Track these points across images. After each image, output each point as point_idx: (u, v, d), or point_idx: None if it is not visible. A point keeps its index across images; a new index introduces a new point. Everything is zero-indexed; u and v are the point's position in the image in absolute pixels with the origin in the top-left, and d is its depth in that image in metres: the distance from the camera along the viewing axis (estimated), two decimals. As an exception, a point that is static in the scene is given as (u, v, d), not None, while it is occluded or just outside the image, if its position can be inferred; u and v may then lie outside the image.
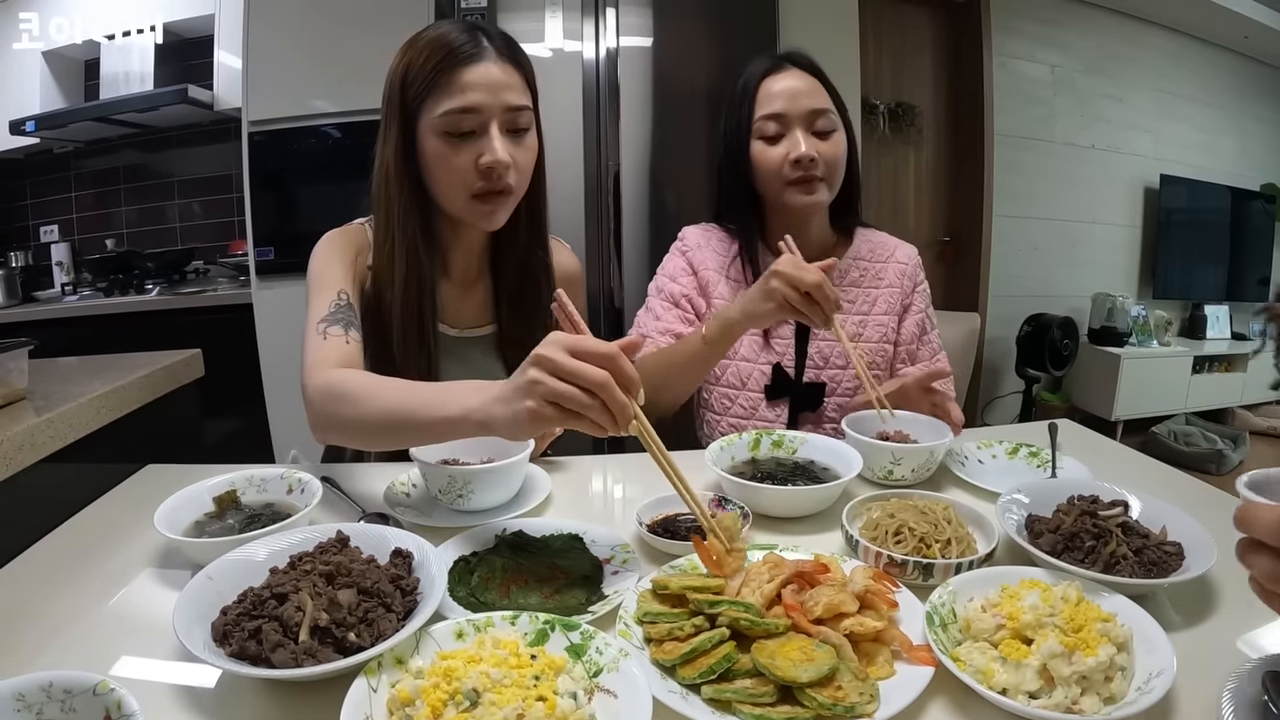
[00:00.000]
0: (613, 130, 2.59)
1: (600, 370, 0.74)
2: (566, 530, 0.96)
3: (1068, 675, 0.62)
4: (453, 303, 1.32)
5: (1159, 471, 1.22)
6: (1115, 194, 4.77)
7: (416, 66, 1.14)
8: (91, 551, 0.97)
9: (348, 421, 0.99)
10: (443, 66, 1.12)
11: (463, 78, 1.12)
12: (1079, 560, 0.81)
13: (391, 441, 0.99)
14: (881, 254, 1.52)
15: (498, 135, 1.14)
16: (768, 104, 1.39)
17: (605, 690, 0.65)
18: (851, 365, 1.46)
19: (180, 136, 3.77)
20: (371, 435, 1.01)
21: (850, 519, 0.92)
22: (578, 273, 1.47)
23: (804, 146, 1.36)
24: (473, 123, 1.13)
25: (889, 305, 1.49)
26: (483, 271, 1.36)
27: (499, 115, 1.14)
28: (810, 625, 0.71)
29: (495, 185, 1.16)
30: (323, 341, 1.08)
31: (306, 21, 2.70)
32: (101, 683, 0.59)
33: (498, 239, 1.32)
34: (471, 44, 1.13)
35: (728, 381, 1.47)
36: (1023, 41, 4.27)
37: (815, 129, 1.38)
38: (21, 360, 1.20)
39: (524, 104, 1.17)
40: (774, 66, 1.41)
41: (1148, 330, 4.62)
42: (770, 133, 1.39)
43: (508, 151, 1.14)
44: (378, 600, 0.72)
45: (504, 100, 1.14)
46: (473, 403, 0.84)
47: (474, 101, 1.12)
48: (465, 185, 1.16)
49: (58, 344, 1.47)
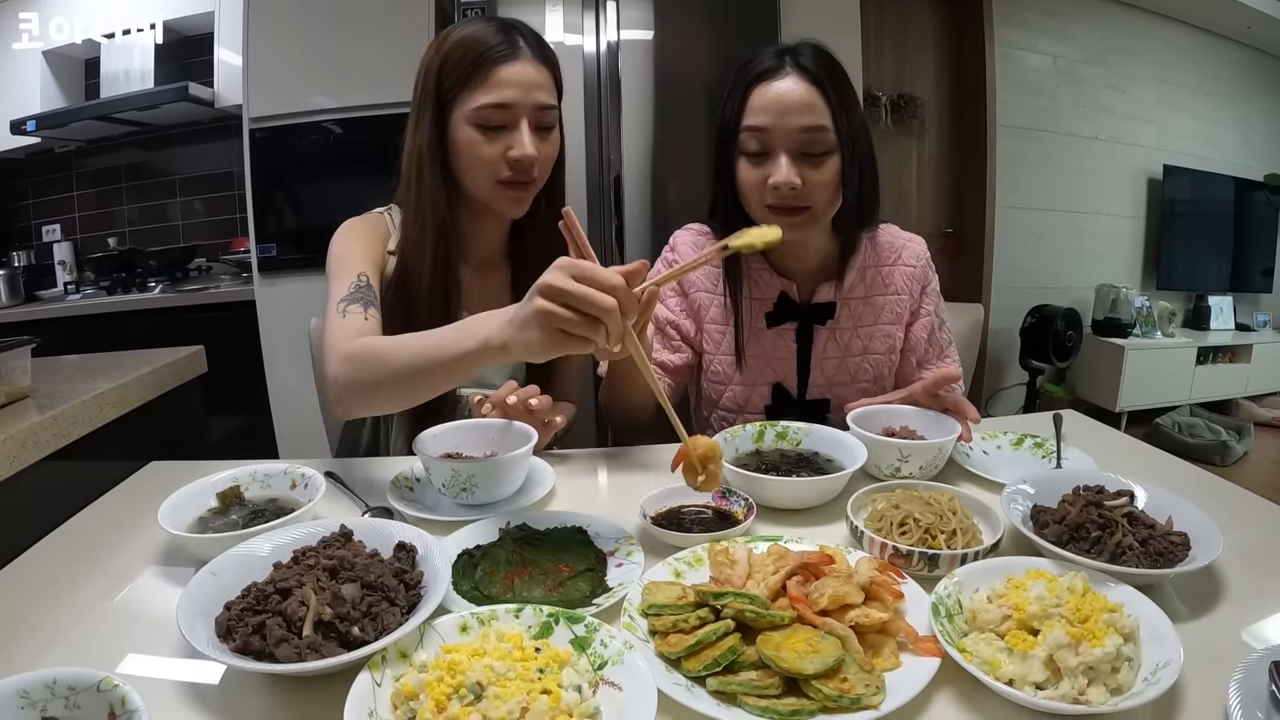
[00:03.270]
0: (614, 124, 2.59)
1: (607, 297, 0.78)
2: (570, 523, 0.95)
3: (1074, 666, 0.62)
4: (471, 288, 1.34)
5: (1164, 462, 1.21)
6: (1119, 185, 4.75)
7: (454, 60, 1.20)
8: (95, 548, 0.97)
9: (377, 380, 1.02)
10: (480, 62, 1.18)
11: (499, 74, 1.18)
12: (1085, 551, 0.80)
13: (421, 389, 1.02)
14: (888, 257, 1.41)
15: (527, 131, 1.20)
16: (754, 115, 1.22)
17: (610, 683, 0.65)
18: (857, 381, 1.40)
19: (181, 134, 3.77)
20: (401, 388, 1.03)
21: (855, 510, 0.92)
22: None
23: (784, 173, 1.19)
24: (504, 118, 1.19)
25: (895, 315, 1.40)
26: (502, 259, 1.41)
27: (530, 112, 1.20)
28: (815, 617, 0.71)
29: (521, 177, 1.22)
30: (342, 319, 1.14)
31: (306, 18, 2.70)
32: (105, 679, 0.59)
33: (517, 227, 1.36)
34: (508, 43, 1.19)
35: (725, 404, 1.41)
36: (1025, 32, 4.25)
37: (804, 152, 1.21)
38: (24, 359, 1.21)
39: (552, 103, 1.23)
40: (770, 69, 1.23)
41: (1152, 321, 4.61)
42: (752, 149, 1.23)
43: (535, 146, 1.21)
44: (381, 594, 0.72)
45: (535, 99, 1.20)
46: (488, 331, 0.89)
47: (508, 98, 1.18)
48: (493, 174, 1.22)
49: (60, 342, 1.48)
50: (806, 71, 1.21)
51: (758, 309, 1.37)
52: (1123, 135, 4.66)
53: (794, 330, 1.38)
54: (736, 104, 1.26)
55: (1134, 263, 4.89)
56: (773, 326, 1.37)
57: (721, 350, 1.39)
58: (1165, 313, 4.69)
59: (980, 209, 4.17)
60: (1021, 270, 4.42)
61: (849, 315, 1.38)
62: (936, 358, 1.44)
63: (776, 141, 1.21)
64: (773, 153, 1.22)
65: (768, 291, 1.37)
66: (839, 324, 1.38)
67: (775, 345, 1.38)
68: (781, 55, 1.24)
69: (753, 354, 1.38)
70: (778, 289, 1.37)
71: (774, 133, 1.21)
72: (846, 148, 1.22)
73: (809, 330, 1.38)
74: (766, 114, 1.21)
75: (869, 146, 1.28)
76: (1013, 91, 4.17)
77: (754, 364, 1.38)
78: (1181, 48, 4.74)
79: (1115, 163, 4.69)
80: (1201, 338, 4.78)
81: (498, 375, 1.30)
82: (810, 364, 1.39)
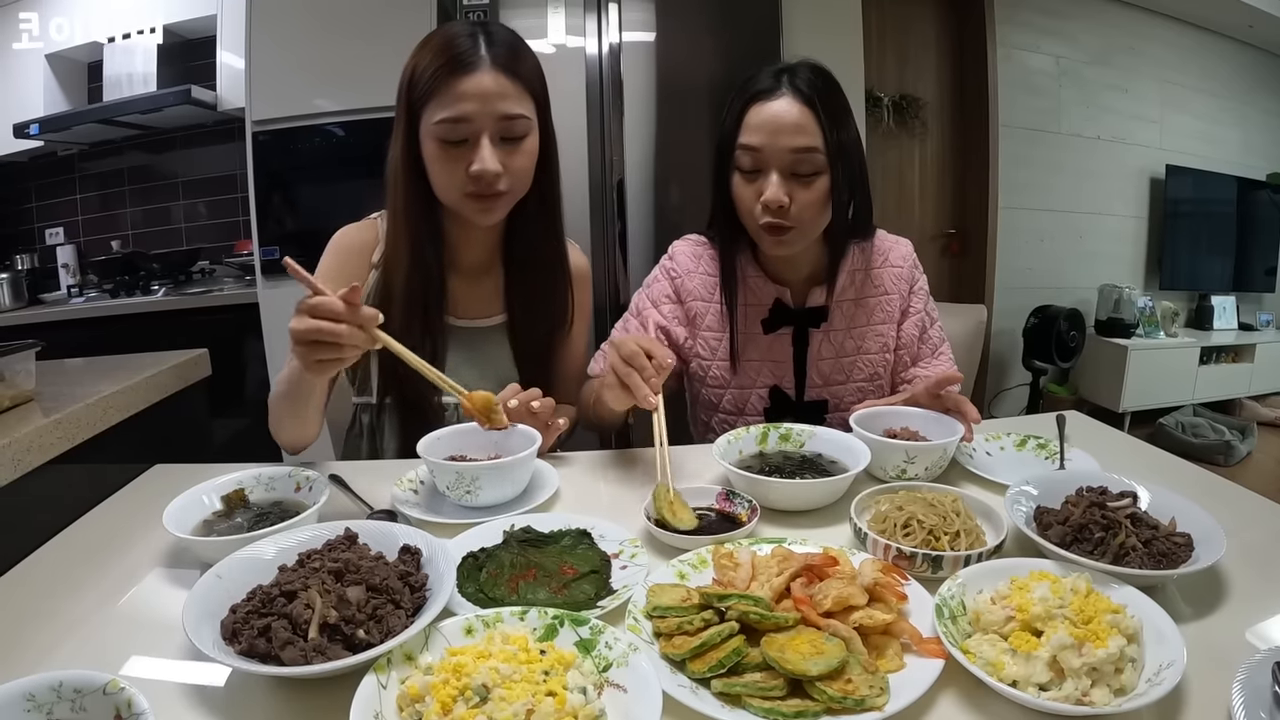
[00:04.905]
0: (616, 126, 2.59)
1: (334, 325, 0.91)
2: (575, 525, 0.95)
3: (1078, 667, 0.62)
4: (461, 294, 1.34)
5: (1167, 462, 1.21)
6: (1121, 185, 4.74)
7: (420, 70, 1.18)
8: (100, 551, 0.97)
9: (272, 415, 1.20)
10: (440, 74, 1.15)
11: (456, 87, 1.15)
12: (1088, 552, 0.80)
13: (285, 419, 1.19)
14: (876, 260, 1.45)
15: (487, 145, 1.16)
16: (748, 134, 1.27)
17: (615, 685, 0.65)
18: (852, 379, 1.44)
19: (184, 137, 3.78)
20: (276, 419, 1.21)
21: (859, 512, 0.92)
22: (586, 271, 1.48)
23: (773, 191, 1.24)
24: (464, 131, 1.16)
25: (886, 314, 1.44)
26: (494, 264, 1.38)
27: (491, 125, 1.17)
28: (819, 618, 0.71)
29: (484, 191, 1.19)
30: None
31: (309, 21, 2.71)
32: (111, 682, 0.59)
33: (510, 232, 1.35)
34: (470, 52, 1.15)
35: (725, 408, 1.45)
36: (1027, 33, 4.25)
37: (794, 171, 1.25)
38: (29, 362, 1.21)
39: (518, 112, 1.18)
40: (767, 90, 1.27)
41: (1154, 321, 4.60)
42: (746, 166, 1.28)
43: (499, 160, 1.17)
44: (387, 597, 0.72)
45: (497, 110, 1.16)
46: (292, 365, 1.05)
47: (465, 112, 1.15)
48: (458, 186, 1.20)
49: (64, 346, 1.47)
50: (800, 93, 1.25)
51: (753, 315, 1.42)
52: (1125, 135, 4.66)
53: (790, 334, 1.42)
54: (734, 121, 1.30)
55: (1137, 263, 4.89)
56: (769, 331, 1.41)
57: (718, 356, 1.43)
58: (1168, 313, 4.67)
59: (983, 210, 4.17)
60: (1024, 271, 4.42)
61: (842, 317, 1.43)
62: (930, 355, 1.47)
63: (769, 160, 1.26)
64: (765, 170, 1.27)
65: (763, 297, 1.42)
66: (832, 326, 1.42)
67: (772, 349, 1.42)
68: (779, 75, 1.28)
69: (750, 358, 1.42)
70: (773, 295, 1.41)
71: (766, 152, 1.25)
72: (836, 166, 1.26)
73: (804, 334, 1.42)
74: (760, 133, 1.25)
75: (861, 161, 1.33)
76: (1015, 92, 4.17)
77: (752, 367, 1.42)
78: (1183, 47, 4.74)
79: (1118, 163, 4.68)
80: (1205, 338, 4.77)
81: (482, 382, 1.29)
82: (806, 366, 1.42)
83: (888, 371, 1.46)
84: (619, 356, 1.08)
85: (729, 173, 1.32)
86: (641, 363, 1.06)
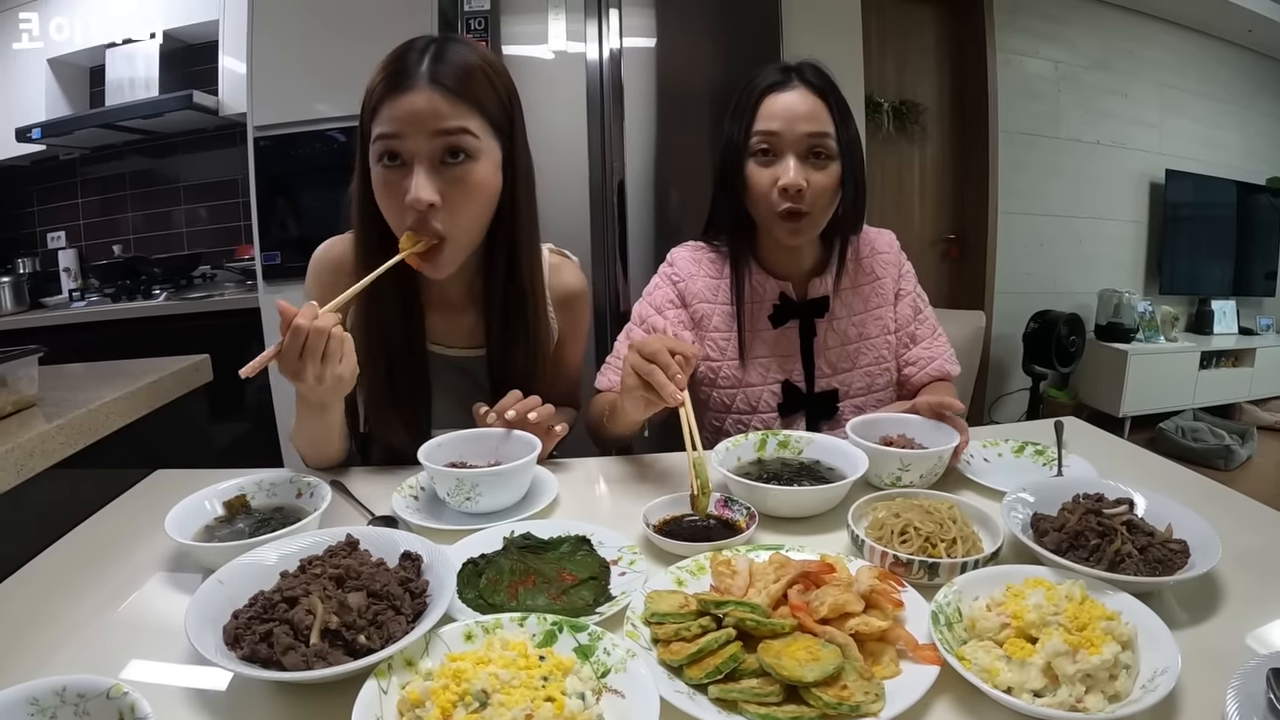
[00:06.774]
0: (617, 132, 2.59)
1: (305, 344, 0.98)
2: (574, 532, 0.96)
3: (1072, 673, 0.63)
4: (443, 325, 1.30)
5: (1164, 468, 1.22)
6: (1120, 190, 4.75)
7: (370, 86, 1.10)
8: (103, 556, 0.97)
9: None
10: (380, 90, 1.08)
11: (394, 105, 1.06)
12: (1084, 559, 0.81)
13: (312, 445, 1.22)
14: (865, 250, 1.51)
15: (420, 172, 1.06)
16: (764, 121, 1.32)
17: (613, 690, 0.66)
18: (859, 365, 1.47)
19: (186, 142, 3.78)
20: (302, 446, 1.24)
21: (856, 519, 0.93)
22: (580, 291, 1.40)
23: (792, 174, 1.29)
24: (397, 147, 1.07)
25: (881, 298, 1.50)
26: (473, 297, 1.30)
27: (425, 146, 1.06)
28: (816, 625, 0.71)
29: (417, 226, 1.09)
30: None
31: (310, 26, 2.71)
32: (114, 686, 0.60)
33: (484, 265, 1.26)
34: (411, 68, 1.06)
35: (739, 408, 1.46)
36: (1026, 38, 4.26)
37: (810, 156, 1.31)
38: (32, 367, 1.21)
39: (457, 125, 1.07)
40: (779, 81, 1.33)
41: (1154, 326, 4.60)
42: (763, 152, 1.33)
43: (437, 189, 1.07)
44: (387, 603, 0.73)
45: (430, 128, 1.06)
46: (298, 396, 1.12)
47: (397, 129, 1.06)
48: (397, 222, 1.11)
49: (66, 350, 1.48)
50: (812, 85, 1.33)
51: (759, 312, 1.45)
52: (1124, 140, 4.66)
53: (796, 327, 1.46)
54: (748, 114, 1.35)
55: (1136, 267, 4.89)
56: (777, 326, 1.45)
57: (728, 356, 1.45)
58: (1168, 317, 4.68)
59: (982, 214, 4.18)
60: (1024, 276, 4.43)
61: (842, 305, 1.47)
62: (930, 335, 1.52)
63: (785, 145, 1.31)
64: (781, 155, 1.32)
65: (766, 294, 1.45)
66: (835, 314, 1.47)
67: (780, 343, 1.46)
68: (788, 70, 1.35)
69: (759, 355, 1.45)
70: (776, 290, 1.45)
71: (784, 136, 1.31)
72: (845, 157, 1.34)
73: (809, 326, 1.46)
74: (777, 120, 1.31)
75: (861, 160, 1.39)
76: (1014, 97, 4.19)
77: (761, 364, 1.45)
78: (1182, 52, 4.75)
79: (1117, 167, 4.69)
80: (1204, 342, 4.78)
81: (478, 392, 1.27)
82: (814, 356, 1.46)
83: (891, 353, 1.51)
84: (640, 356, 1.07)
85: (738, 166, 1.36)
86: (665, 359, 1.05)
